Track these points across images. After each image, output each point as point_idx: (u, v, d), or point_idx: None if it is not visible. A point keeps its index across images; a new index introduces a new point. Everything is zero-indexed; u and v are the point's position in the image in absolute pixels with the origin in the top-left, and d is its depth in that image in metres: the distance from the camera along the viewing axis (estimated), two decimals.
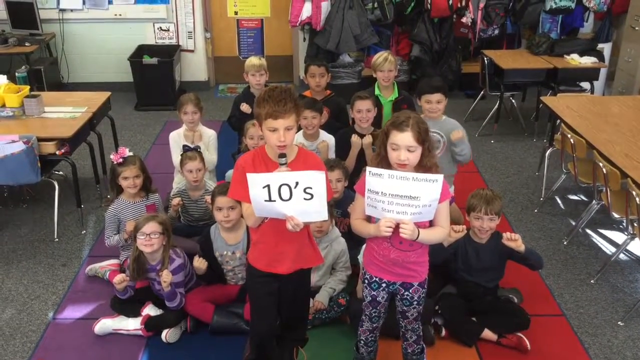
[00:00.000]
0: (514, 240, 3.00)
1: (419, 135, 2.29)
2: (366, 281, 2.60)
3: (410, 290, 2.54)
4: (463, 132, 3.83)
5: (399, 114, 2.38)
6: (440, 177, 2.22)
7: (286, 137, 2.29)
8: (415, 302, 2.57)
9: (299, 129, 4.06)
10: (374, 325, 2.71)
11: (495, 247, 3.12)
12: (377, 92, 4.26)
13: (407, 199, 2.23)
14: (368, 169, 2.25)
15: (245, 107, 4.37)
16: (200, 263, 3.20)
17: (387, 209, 2.27)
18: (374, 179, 2.24)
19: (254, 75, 4.42)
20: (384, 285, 2.55)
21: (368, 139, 3.88)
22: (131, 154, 3.53)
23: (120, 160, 3.46)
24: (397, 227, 2.29)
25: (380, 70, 4.21)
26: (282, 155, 2.29)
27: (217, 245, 3.28)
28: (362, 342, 2.79)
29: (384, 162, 2.37)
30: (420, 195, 2.22)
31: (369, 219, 2.44)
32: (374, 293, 2.58)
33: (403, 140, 2.28)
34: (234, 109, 4.53)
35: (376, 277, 2.55)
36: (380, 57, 4.24)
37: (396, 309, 2.66)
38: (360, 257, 3.23)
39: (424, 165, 2.34)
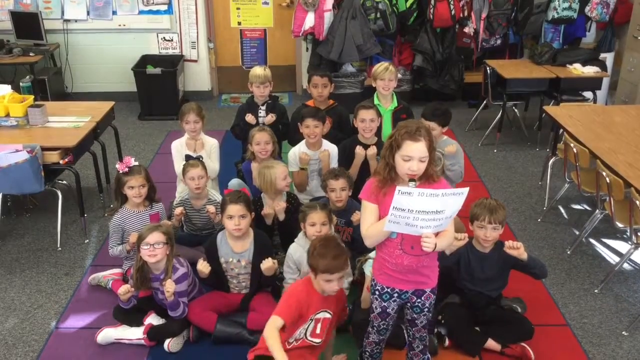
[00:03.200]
0: (516, 249, 2.98)
1: (430, 143, 2.28)
2: (376, 292, 2.56)
3: (422, 297, 2.53)
4: (458, 150, 3.86)
5: (406, 123, 2.34)
6: (466, 190, 2.19)
7: None
8: (426, 309, 2.56)
9: (301, 138, 4.08)
10: (381, 337, 2.69)
11: (499, 256, 3.11)
12: (376, 101, 4.27)
13: (432, 213, 2.19)
14: (398, 187, 2.16)
15: (250, 118, 4.39)
16: (203, 267, 3.19)
17: (411, 224, 2.21)
18: (403, 197, 2.15)
19: (258, 87, 4.43)
20: (395, 295, 2.52)
21: (372, 149, 3.88)
22: (136, 163, 3.55)
23: (126, 169, 3.48)
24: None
25: (380, 79, 4.23)
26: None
27: (222, 251, 3.28)
28: (367, 353, 2.77)
29: (393, 172, 2.34)
30: (445, 208, 2.20)
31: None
32: (385, 304, 2.55)
33: (417, 151, 2.25)
34: (237, 118, 4.55)
35: (388, 288, 2.51)
36: (380, 66, 4.26)
37: (405, 317, 2.64)
38: (365, 268, 3.23)
39: (428, 175, 2.33)
